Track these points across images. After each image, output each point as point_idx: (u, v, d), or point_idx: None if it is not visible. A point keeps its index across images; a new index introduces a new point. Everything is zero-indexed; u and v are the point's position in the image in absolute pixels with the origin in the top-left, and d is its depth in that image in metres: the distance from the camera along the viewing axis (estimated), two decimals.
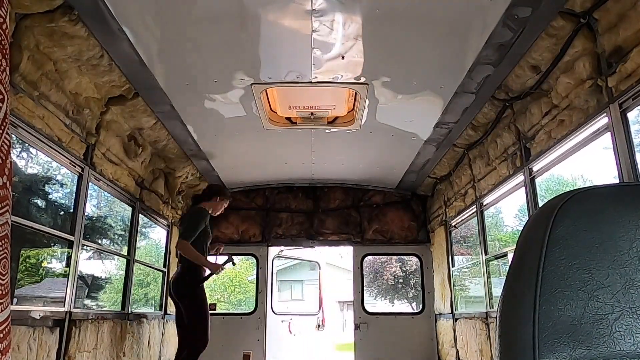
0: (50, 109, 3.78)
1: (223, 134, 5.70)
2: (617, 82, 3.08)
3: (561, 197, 0.82)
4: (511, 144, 4.76)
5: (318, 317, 10.19)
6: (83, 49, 3.63)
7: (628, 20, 2.90)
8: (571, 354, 0.73)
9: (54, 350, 3.90)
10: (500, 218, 9.55)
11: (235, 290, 23.45)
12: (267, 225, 7.94)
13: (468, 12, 3.35)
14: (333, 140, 5.96)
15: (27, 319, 3.57)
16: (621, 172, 3.11)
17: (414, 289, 22.03)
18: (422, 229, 7.98)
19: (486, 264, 5.81)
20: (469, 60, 3.89)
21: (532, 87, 4.06)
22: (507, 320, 0.80)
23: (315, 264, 11.27)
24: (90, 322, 4.56)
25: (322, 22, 3.50)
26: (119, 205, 6.19)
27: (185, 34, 3.68)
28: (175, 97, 4.58)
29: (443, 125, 5.22)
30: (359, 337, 7.58)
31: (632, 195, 0.81)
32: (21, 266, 4.82)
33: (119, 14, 3.30)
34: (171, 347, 6.97)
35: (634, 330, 0.73)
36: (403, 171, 7.03)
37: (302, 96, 4.93)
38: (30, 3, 3.08)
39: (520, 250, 0.85)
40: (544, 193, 5.12)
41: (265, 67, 4.15)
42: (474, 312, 6.33)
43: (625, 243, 0.76)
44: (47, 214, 5.03)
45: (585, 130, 3.59)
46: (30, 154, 4.76)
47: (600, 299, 0.74)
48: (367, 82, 4.36)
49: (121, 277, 6.13)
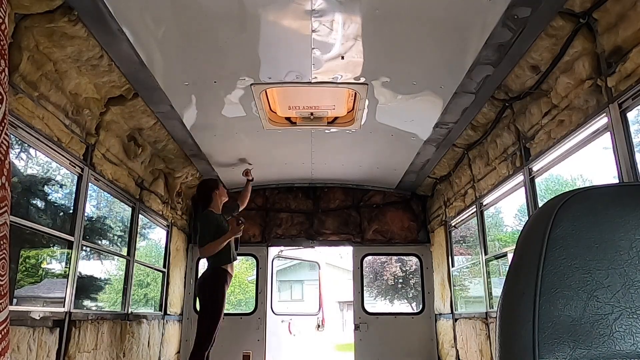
0: (50, 109, 3.78)
1: (223, 134, 5.69)
2: (617, 82, 3.08)
3: (561, 197, 0.82)
4: (511, 144, 4.77)
5: (318, 318, 10.20)
6: (83, 50, 3.63)
7: (628, 20, 2.90)
8: (571, 354, 0.73)
9: (54, 351, 3.90)
10: (500, 218, 9.55)
11: (235, 290, 23.45)
12: (267, 226, 7.94)
13: (468, 12, 3.35)
14: (333, 141, 5.96)
15: (26, 319, 3.57)
16: (621, 172, 3.11)
17: (414, 289, 22.03)
18: (422, 229, 7.98)
19: (486, 264, 5.82)
20: (469, 60, 3.90)
21: (532, 87, 4.06)
22: (507, 320, 0.80)
23: (315, 264, 11.28)
24: (90, 322, 4.56)
25: (321, 22, 3.50)
26: (118, 206, 6.19)
27: (185, 34, 3.68)
28: (175, 97, 4.58)
29: (443, 126, 5.22)
30: (358, 338, 7.58)
31: (631, 195, 0.81)
32: (21, 267, 4.81)
33: (119, 15, 3.30)
34: (171, 348, 6.97)
35: (634, 330, 0.72)
36: (403, 171, 7.02)
37: (302, 96, 4.93)
38: (30, 3, 3.08)
39: (520, 250, 0.85)
40: (543, 193, 5.12)
41: (265, 68, 4.15)
42: (473, 312, 6.33)
43: (625, 243, 0.76)
44: (46, 214, 5.02)
45: (584, 130, 3.59)
46: (30, 155, 4.76)
47: (600, 299, 0.74)
48: (366, 82, 4.36)
49: (121, 278, 6.13)
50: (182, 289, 7.55)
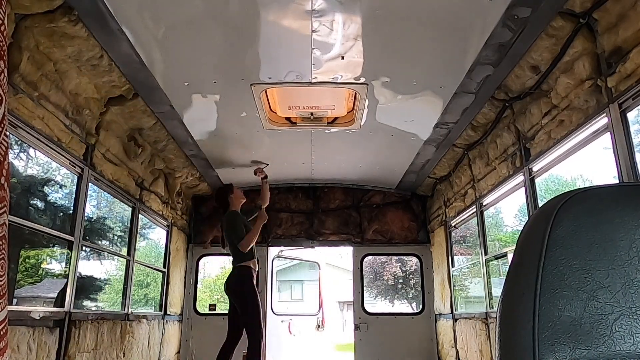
0: (50, 109, 3.78)
1: (223, 135, 5.70)
2: (617, 82, 3.08)
3: (561, 197, 0.82)
4: (511, 144, 4.77)
5: (318, 318, 10.19)
6: (83, 50, 3.63)
7: (628, 21, 2.90)
8: (571, 354, 0.72)
9: (54, 351, 3.90)
10: (500, 218, 9.54)
11: None
12: (267, 226, 7.94)
13: (468, 12, 3.35)
14: (333, 141, 5.96)
15: (26, 319, 3.57)
16: (621, 172, 3.11)
17: (414, 289, 22.04)
18: (422, 229, 7.98)
19: (486, 264, 5.82)
20: (469, 61, 3.90)
21: (532, 87, 4.06)
22: (507, 320, 0.80)
23: (315, 264, 11.26)
24: (90, 322, 4.56)
25: (321, 22, 3.50)
26: (118, 206, 6.20)
27: (185, 34, 3.68)
28: (175, 97, 4.58)
29: (443, 126, 5.22)
30: (358, 338, 7.58)
31: (632, 195, 0.80)
32: (21, 267, 4.81)
33: (119, 15, 3.30)
34: (171, 348, 6.97)
35: (634, 330, 0.72)
36: (403, 171, 7.03)
37: (302, 96, 4.93)
38: (30, 3, 3.08)
39: (520, 250, 0.84)
40: (543, 193, 5.12)
41: (265, 68, 4.15)
42: (473, 312, 6.33)
43: (625, 243, 0.76)
44: (46, 214, 5.02)
45: (585, 131, 3.59)
46: (30, 155, 4.76)
47: (600, 299, 0.74)
48: (366, 83, 4.36)
49: (121, 278, 6.13)
50: (182, 289, 7.56)
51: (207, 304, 10.52)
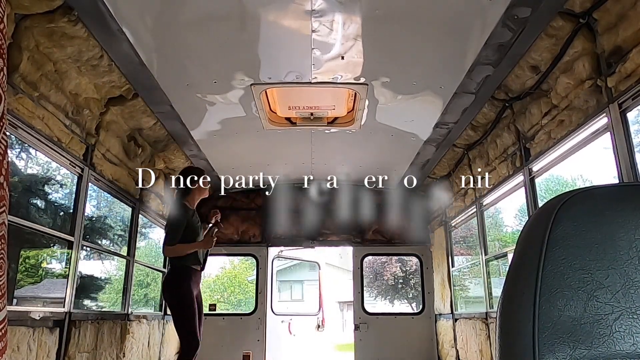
0: (50, 109, 3.78)
1: (223, 135, 5.69)
2: (617, 82, 3.08)
3: (561, 197, 0.82)
4: (511, 144, 4.77)
5: (318, 318, 10.19)
6: (83, 50, 3.63)
7: (627, 21, 2.90)
8: (571, 354, 0.73)
9: (54, 351, 3.90)
10: (500, 218, 9.54)
11: (235, 290, 23.45)
12: (267, 226, 7.93)
13: (468, 12, 3.36)
14: (333, 141, 5.96)
15: (26, 319, 3.57)
16: (621, 172, 3.11)
17: (414, 289, 22.04)
18: (422, 230, 7.97)
19: (486, 264, 5.81)
20: (469, 61, 3.89)
21: (532, 87, 4.06)
22: (507, 320, 0.80)
23: (315, 265, 11.27)
24: (90, 322, 4.56)
25: (321, 22, 3.50)
26: (118, 206, 6.20)
27: (185, 35, 3.68)
28: (175, 97, 4.58)
29: (443, 126, 5.22)
30: (358, 338, 7.58)
31: (632, 195, 0.81)
32: (21, 267, 4.81)
33: (119, 15, 3.30)
34: (171, 348, 6.97)
35: (634, 330, 0.72)
36: (403, 171, 7.02)
37: (302, 96, 4.93)
38: (30, 3, 3.08)
39: (520, 250, 0.85)
40: (543, 193, 5.12)
41: (265, 68, 4.15)
42: (474, 312, 6.33)
43: (625, 243, 0.76)
44: (46, 214, 5.02)
45: (584, 131, 3.59)
46: (30, 155, 4.76)
47: (600, 299, 0.74)
48: (366, 83, 4.35)
49: (121, 278, 6.13)
50: None
51: (207, 304, 10.52)
